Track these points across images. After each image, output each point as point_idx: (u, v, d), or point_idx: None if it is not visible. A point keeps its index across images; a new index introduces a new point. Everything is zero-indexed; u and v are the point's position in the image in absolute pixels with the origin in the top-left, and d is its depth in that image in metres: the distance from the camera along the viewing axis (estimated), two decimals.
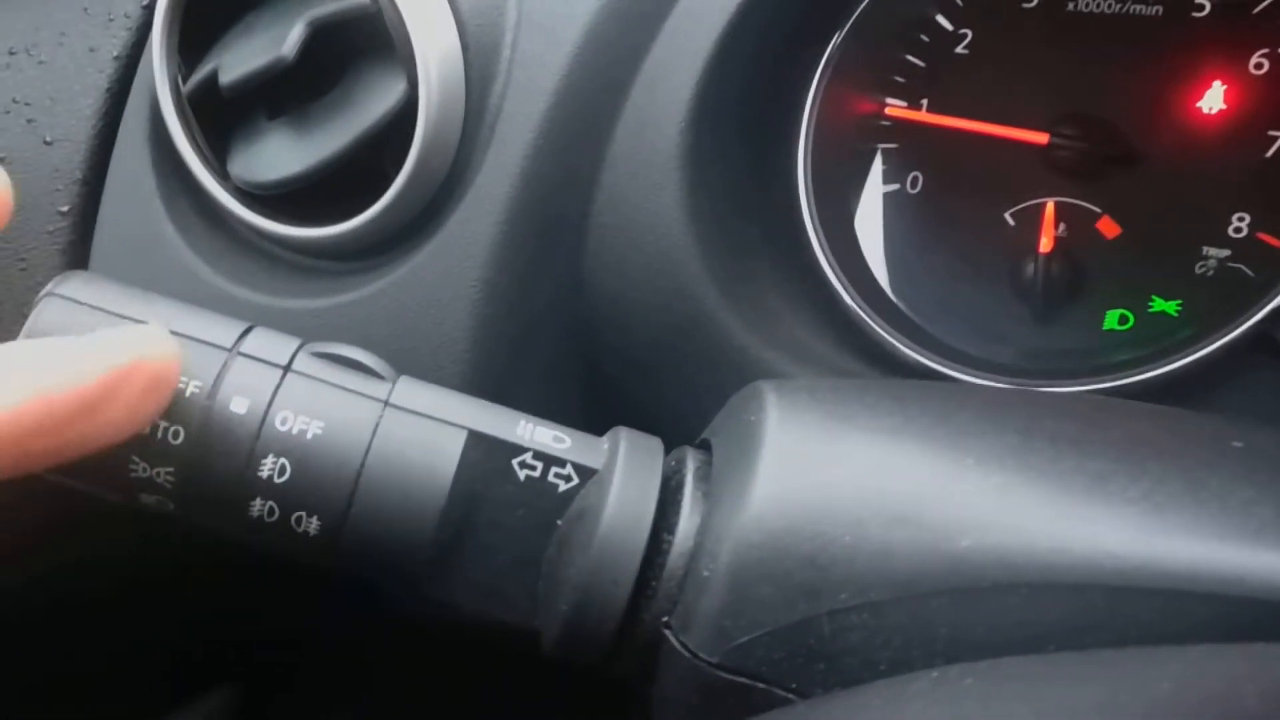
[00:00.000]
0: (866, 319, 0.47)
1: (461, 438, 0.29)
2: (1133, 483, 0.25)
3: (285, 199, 0.46)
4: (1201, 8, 0.44)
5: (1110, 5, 0.46)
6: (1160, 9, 0.45)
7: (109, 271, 0.46)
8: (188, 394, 0.28)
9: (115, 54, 0.47)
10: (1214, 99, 0.44)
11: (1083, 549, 0.25)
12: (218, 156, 0.47)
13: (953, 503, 0.26)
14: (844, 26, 0.49)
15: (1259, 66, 0.43)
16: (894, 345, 0.46)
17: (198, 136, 0.46)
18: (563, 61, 0.45)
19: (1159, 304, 0.46)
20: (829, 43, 0.49)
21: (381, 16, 0.43)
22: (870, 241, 0.51)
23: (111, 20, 0.47)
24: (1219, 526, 0.24)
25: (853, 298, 0.47)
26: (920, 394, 0.30)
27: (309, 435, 0.28)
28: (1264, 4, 0.43)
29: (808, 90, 0.49)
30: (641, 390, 0.48)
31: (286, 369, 0.29)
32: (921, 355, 0.45)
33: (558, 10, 0.45)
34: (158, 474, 0.28)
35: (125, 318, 0.29)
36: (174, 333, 0.29)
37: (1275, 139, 0.43)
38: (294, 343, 0.30)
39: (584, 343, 0.48)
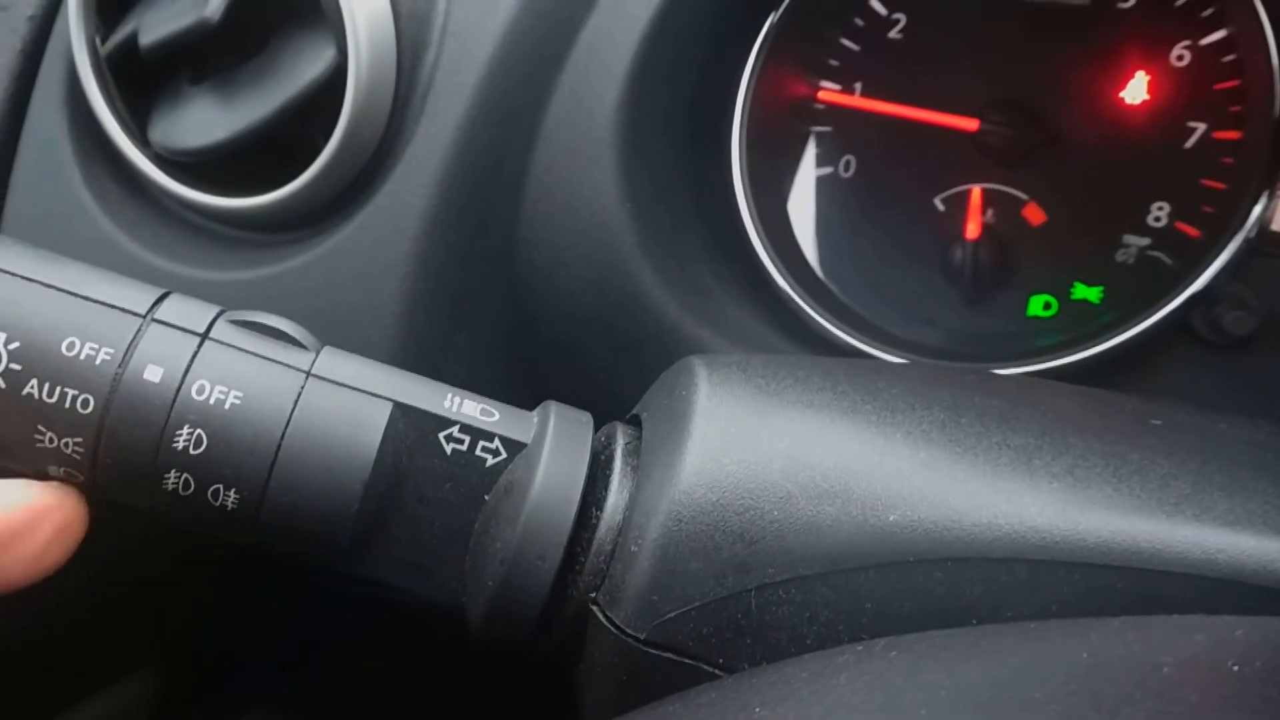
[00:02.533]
0: (798, 299, 0.47)
1: (387, 410, 0.28)
2: (1056, 458, 0.26)
3: (209, 167, 0.45)
4: None
5: None
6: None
7: (22, 238, 0.44)
8: (97, 361, 0.27)
9: (30, 13, 0.46)
10: (1137, 89, 0.45)
11: (1007, 523, 0.25)
12: (138, 122, 0.46)
13: (880, 478, 0.26)
14: (780, 7, 0.49)
15: (1180, 58, 0.44)
16: (824, 326, 0.46)
17: (116, 100, 0.45)
18: (497, 31, 0.44)
19: (1081, 290, 0.47)
20: (764, 23, 0.49)
21: None
22: (803, 223, 0.51)
23: None
24: (1138, 501, 0.24)
25: (784, 278, 0.48)
26: (850, 370, 0.30)
27: (226, 405, 0.27)
28: None
29: (743, 70, 0.49)
30: (575, 366, 0.47)
31: (204, 336, 0.28)
32: (851, 336, 0.46)
33: None
34: (65, 444, 0.27)
35: (32, 280, 0.27)
36: (85, 297, 0.27)
37: (1194, 130, 0.44)
38: (212, 310, 0.29)
39: (517, 318, 0.47)
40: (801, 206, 0.52)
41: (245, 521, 0.28)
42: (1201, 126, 0.44)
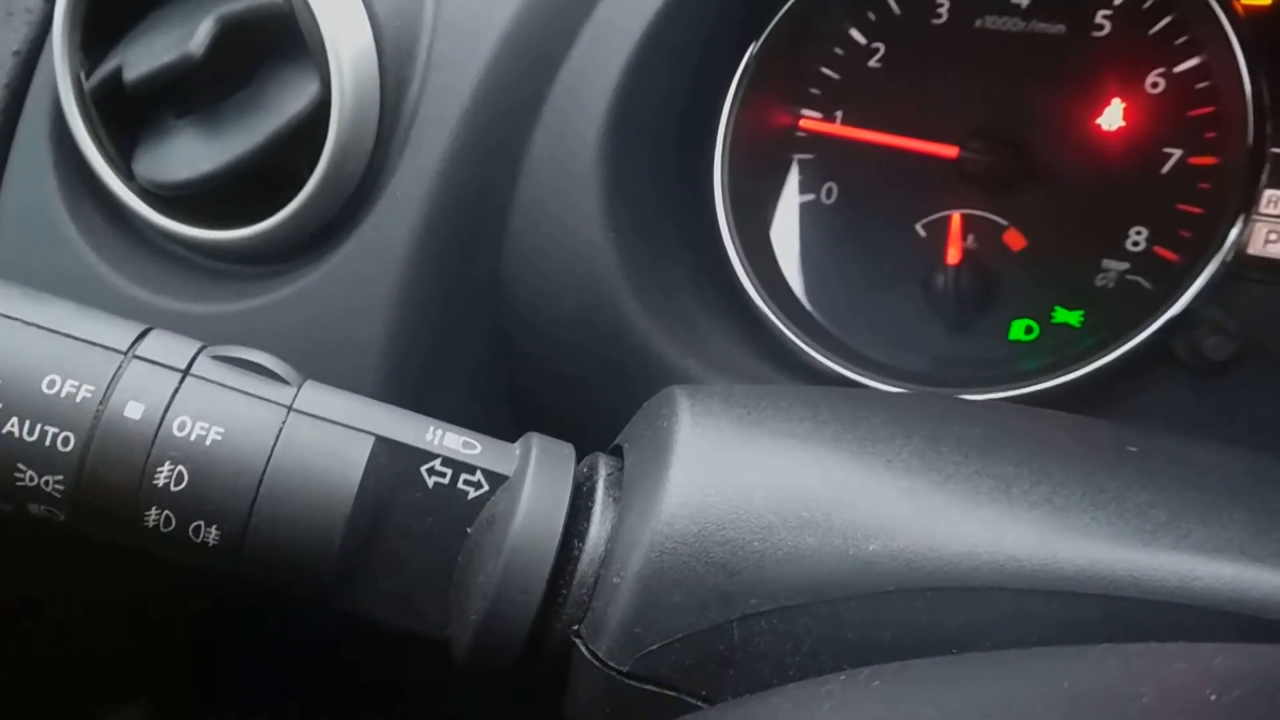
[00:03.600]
0: (781, 327, 0.47)
1: (368, 444, 0.28)
2: (1034, 486, 0.26)
3: (193, 200, 0.45)
4: (1101, 28, 0.46)
5: (1015, 23, 0.47)
6: (1063, 28, 0.46)
7: (6, 274, 0.44)
8: (78, 399, 0.27)
9: (15, 49, 0.46)
10: (1113, 116, 0.46)
11: (986, 552, 0.25)
12: (123, 156, 0.46)
13: (861, 508, 0.26)
14: (760, 38, 0.49)
15: (1155, 85, 0.45)
16: (809, 354, 0.46)
17: (101, 135, 0.45)
18: (480, 65, 0.44)
19: (1062, 314, 0.47)
20: (745, 54, 0.49)
21: (294, 15, 0.43)
22: (786, 251, 0.52)
23: (11, 14, 0.46)
24: (1116, 529, 0.25)
25: (768, 305, 0.48)
26: (831, 399, 0.30)
27: (208, 441, 0.27)
28: (1159, 26, 0.44)
29: (725, 100, 0.50)
30: (561, 396, 0.47)
31: (185, 373, 0.28)
32: (835, 363, 0.46)
33: (476, 13, 0.45)
34: (46, 483, 0.27)
35: (12, 318, 0.27)
36: (65, 334, 0.27)
37: (1170, 156, 0.45)
38: (194, 346, 0.29)
39: (502, 349, 0.48)
40: (785, 234, 0.52)
41: (227, 557, 0.28)
42: (1178, 152, 0.45)
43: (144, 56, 0.43)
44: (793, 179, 0.52)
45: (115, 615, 0.55)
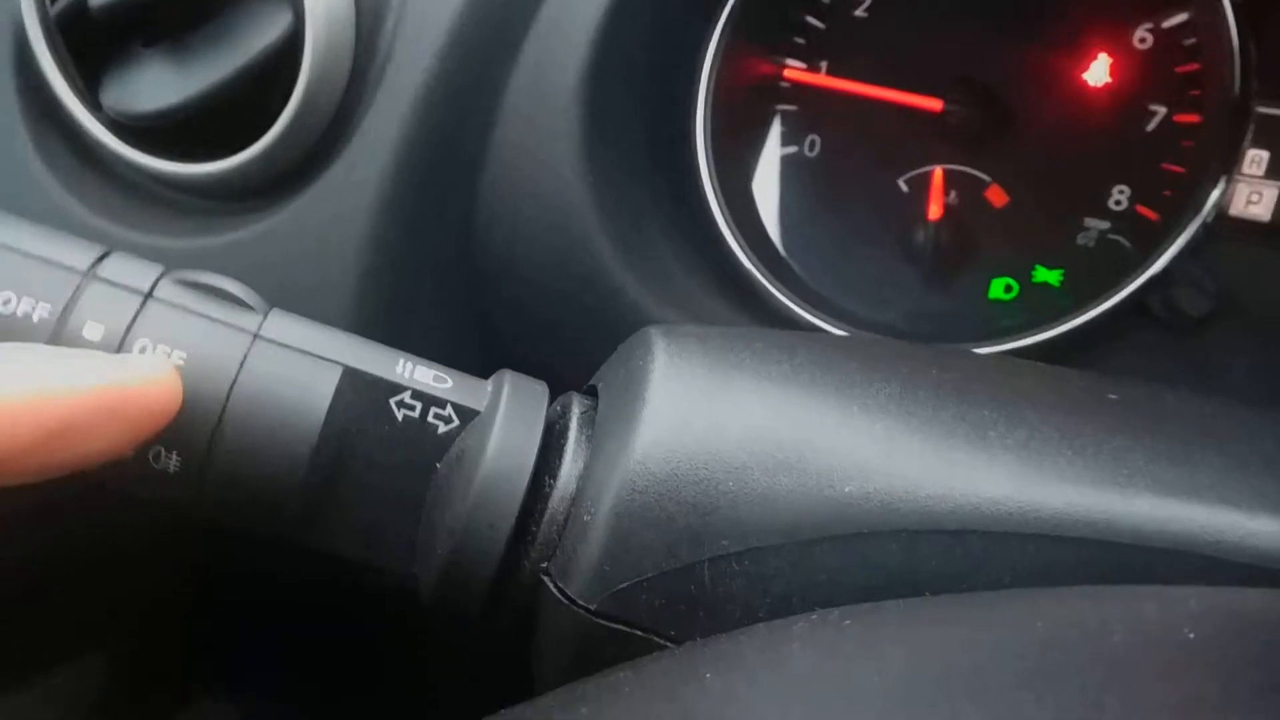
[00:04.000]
0: (760, 278, 0.47)
1: (336, 374, 0.27)
2: (1011, 431, 0.26)
3: (162, 133, 0.44)
4: None
5: None
6: None
7: None
8: (35, 319, 0.26)
9: None
10: (1099, 71, 0.45)
11: (961, 495, 0.25)
12: (89, 86, 0.44)
13: (835, 450, 0.26)
14: None
15: (1143, 40, 0.44)
16: (787, 305, 0.46)
17: (67, 63, 0.44)
18: (457, 2, 0.43)
19: (1042, 273, 0.47)
20: (727, 1, 0.48)
21: None
22: (767, 202, 0.51)
23: None
24: (1092, 473, 0.24)
25: (747, 255, 0.47)
26: (808, 344, 0.30)
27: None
28: None
29: (707, 47, 0.49)
30: (534, 340, 0.47)
31: (147, 295, 0.27)
32: (812, 315, 0.46)
33: None
34: None
35: None
36: (24, 253, 0.27)
37: (1156, 114, 0.44)
38: (157, 269, 0.28)
39: (476, 291, 0.47)
40: (766, 186, 0.51)
41: (188, 486, 0.27)
42: (1162, 110, 0.44)
43: None
44: (775, 130, 0.52)
45: (72, 560, 0.54)
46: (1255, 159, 0.42)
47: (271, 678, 0.61)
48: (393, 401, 0.28)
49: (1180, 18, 0.44)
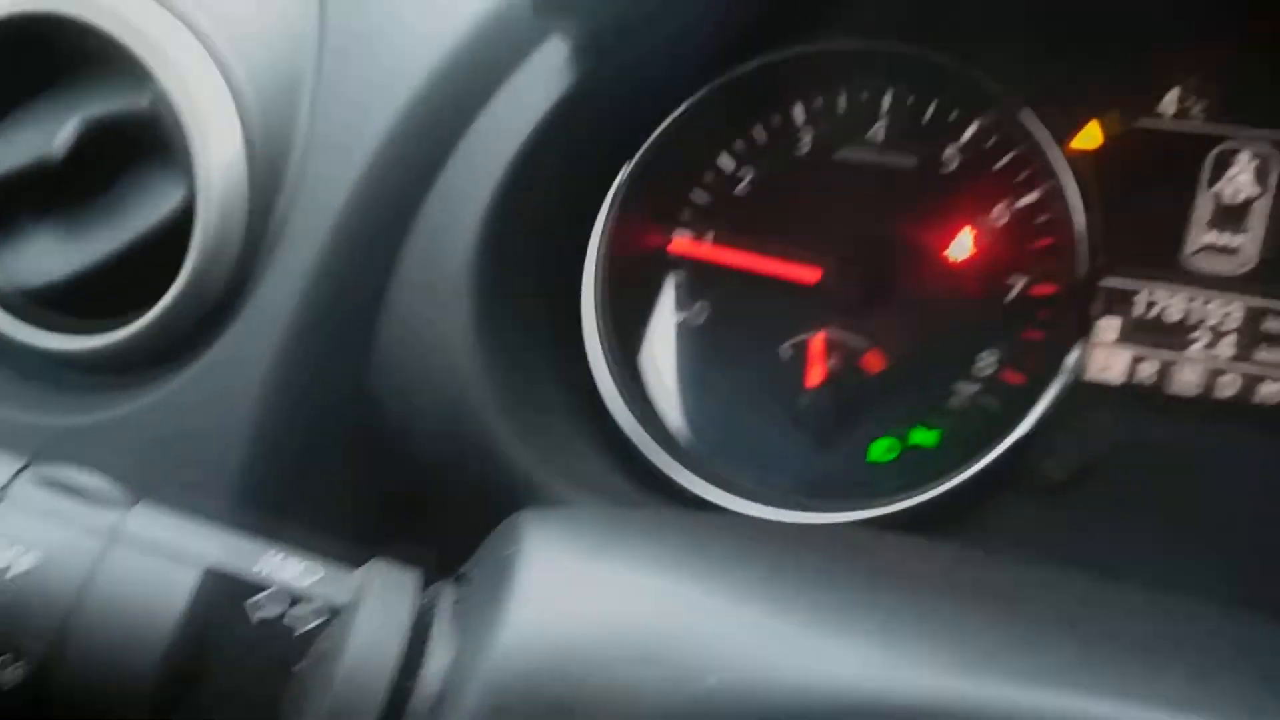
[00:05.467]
0: (646, 451, 0.48)
1: (195, 575, 0.27)
2: (870, 614, 0.26)
3: (47, 307, 0.44)
4: (950, 162, 0.48)
5: (871, 155, 0.50)
6: (915, 160, 0.49)
7: None
8: None
9: None
10: (963, 245, 0.48)
11: (822, 682, 0.25)
12: None
13: (699, 640, 0.26)
14: (632, 160, 0.51)
15: (1000, 218, 0.47)
16: (673, 477, 0.47)
17: None
18: (352, 180, 0.45)
19: (920, 435, 0.49)
20: (618, 176, 0.51)
21: (160, 120, 0.42)
22: (656, 372, 0.52)
23: None
24: (946, 657, 0.25)
25: (635, 430, 0.48)
26: (680, 526, 0.30)
27: (22, 568, 0.26)
28: (1001, 163, 0.47)
29: (598, 219, 0.51)
30: (427, 516, 0.47)
31: (1, 494, 0.27)
32: (699, 486, 0.46)
33: (350, 128, 0.46)
34: None
35: None
36: None
37: (1014, 285, 0.47)
38: (16, 464, 0.28)
39: (367, 467, 0.47)
40: (657, 355, 0.53)
41: (34, 696, 0.26)
42: (1021, 281, 0.47)
43: (3, 155, 0.42)
44: (666, 298, 0.53)
45: None
46: (1107, 326, 0.45)
47: None
48: (249, 604, 0.27)
49: (1033, 196, 0.47)
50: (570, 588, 0.27)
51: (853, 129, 0.50)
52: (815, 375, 0.50)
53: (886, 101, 0.49)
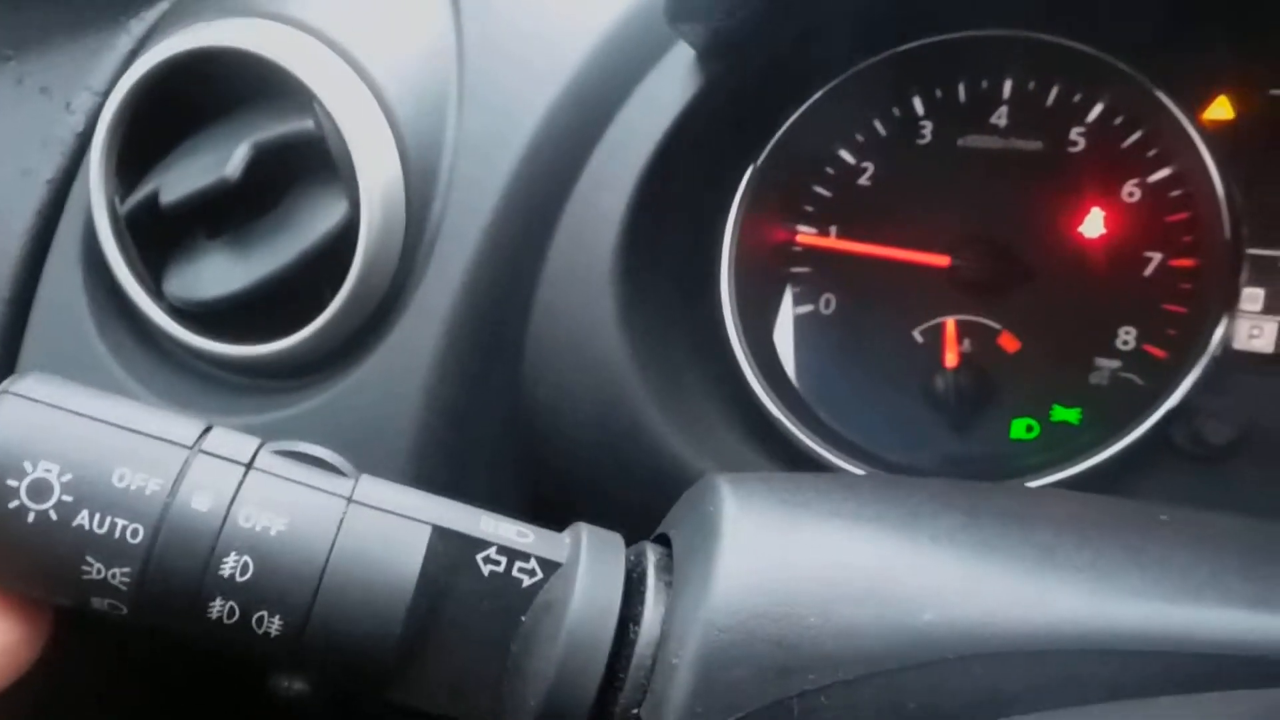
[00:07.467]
0: (793, 429, 0.49)
1: (426, 533, 0.29)
2: (1078, 551, 0.27)
3: (220, 317, 0.46)
4: (1076, 143, 0.49)
5: (995, 141, 0.51)
6: (1040, 144, 0.50)
7: None
8: (147, 491, 0.27)
9: (49, 177, 0.47)
10: (1094, 224, 0.49)
11: (1038, 616, 0.26)
12: (152, 276, 0.47)
13: (912, 579, 0.27)
14: (757, 160, 0.52)
15: (1131, 195, 0.48)
16: (821, 454, 0.48)
17: (133, 255, 0.46)
18: (500, 183, 0.47)
19: (1060, 412, 0.49)
20: (744, 174, 0.52)
21: (324, 140, 0.45)
22: (792, 356, 0.54)
23: (46, 144, 0.48)
24: (1162, 588, 0.26)
25: (778, 409, 0.50)
26: (868, 484, 0.31)
27: (272, 532, 0.28)
28: (1130, 140, 0.48)
29: (728, 217, 0.52)
30: (581, 493, 0.48)
31: (249, 466, 0.29)
32: (846, 462, 0.47)
33: (495, 134, 0.48)
34: (113, 575, 0.27)
35: (82, 415, 0.28)
36: (135, 430, 0.28)
37: (1151, 259, 0.48)
38: (255, 441, 0.30)
39: (526, 450, 0.48)
40: (789, 340, 0.54)
41: (288, 648, 0.28)
42: (1158, 256, 0.48)
43: (181, 180, 0.45)
44: (795, 288, 0.55)
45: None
46: (1252, 296, 0.45)
47: None
48: (479, 557, 0.29)
49: (1164, 173, 0.47)
50: (778, 534, 0.28)
51: (975, 116, 0.51)
52: (950, 358, 0.50)
53: (1008, 88, 0.50)
